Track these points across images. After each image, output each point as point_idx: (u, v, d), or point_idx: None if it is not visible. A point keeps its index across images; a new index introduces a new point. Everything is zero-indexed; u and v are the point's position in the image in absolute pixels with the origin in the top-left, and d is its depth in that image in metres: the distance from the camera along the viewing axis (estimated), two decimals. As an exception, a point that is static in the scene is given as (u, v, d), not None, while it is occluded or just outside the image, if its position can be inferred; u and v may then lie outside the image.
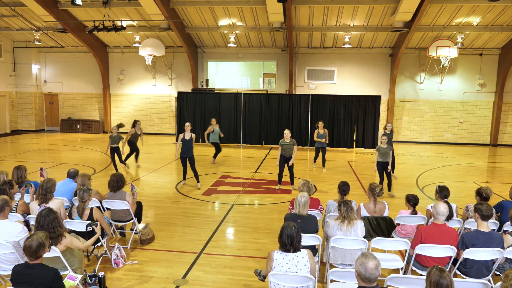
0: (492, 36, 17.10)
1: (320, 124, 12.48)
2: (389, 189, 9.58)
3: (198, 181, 9.98)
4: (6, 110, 21.02)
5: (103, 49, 20.60)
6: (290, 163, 9.83)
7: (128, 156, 12.19)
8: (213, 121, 13.60)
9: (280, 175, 10.03)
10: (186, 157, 9.86)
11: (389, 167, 9.55)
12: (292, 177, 10.05)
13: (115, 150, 11.50)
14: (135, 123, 12.30)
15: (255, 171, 12.33)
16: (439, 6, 15.04)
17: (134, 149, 12.31)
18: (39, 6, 15.97)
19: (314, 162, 13.00)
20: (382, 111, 18.58)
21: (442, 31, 16.88)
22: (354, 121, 17.00)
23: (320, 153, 12.52)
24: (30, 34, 19.64)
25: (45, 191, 5.42)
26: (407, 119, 19.29)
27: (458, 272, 4.73)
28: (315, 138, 12.43)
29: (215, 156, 13.37)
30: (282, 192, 9.83)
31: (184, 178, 10.21)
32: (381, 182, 9.47)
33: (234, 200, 8.97)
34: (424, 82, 18.92)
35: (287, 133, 9.86)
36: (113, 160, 11.60)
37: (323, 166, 12.55)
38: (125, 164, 11.75)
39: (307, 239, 4.68)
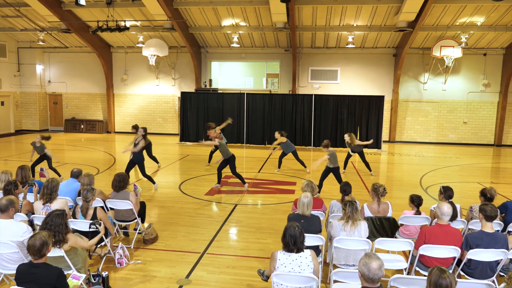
0: (496, 36, 17.01)
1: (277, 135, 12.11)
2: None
3: (153, 183, 9.80)
4: (11, 110, 21.12)
5: (106, 49, 20.66)
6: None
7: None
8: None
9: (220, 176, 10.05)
10: (134, 162, 9.61)
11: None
12: (240, 177, 9.95)
13: (43, 158, 10.51)
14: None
15: (258, 171, 12.33)
16: (443, 6, 14.98)
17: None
18: (43, 7, 16.04)
19: (279, 166, 12.36)
20: (386, 111, 18.51)
21: (446, 31, 16.82)
22: (358, 121, 16.97)
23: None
24: (34, 34, 19.73)
25: (50, 191, 5.45)
26: (411, 119, 19.23)
27: (462, 273, 4.71)
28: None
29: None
30: (285, 192, 9.82)
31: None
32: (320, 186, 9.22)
33: (237, 200, 8.97)
34: (428, 82, 18.85)
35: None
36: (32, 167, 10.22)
37: (305, 166, 12.21)
38: (56, 171, 10.52)
39: (310, 239, 4.68)
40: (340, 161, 9.61)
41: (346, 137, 11.53)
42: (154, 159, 12.27)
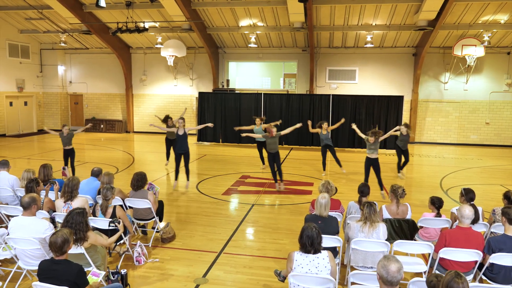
0: (520, 35, 16.58)
1: (325, 125, 11.67)
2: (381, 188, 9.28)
3: (188, 180, 9.82)
4: (33, 110, 21.64)
5: (126, 50, 20.96)
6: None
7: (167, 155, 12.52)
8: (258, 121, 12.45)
9: (274, 174, 9.87)
10: (181, 153, 9.65)
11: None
12: (280, 173, 9.84)
13: (68, 153, 10.36)
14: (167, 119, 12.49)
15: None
16: (464, 4, 14.67)
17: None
18: (65, 9, 16.37)
19: (324, 168, 11.92)
20: (405, 112, 18.24)
21: (468, 30, 16.46)
22: (376, 121, 16.74)
23: (330, 154, 11.77)
24: (56, 36, 20.17)
25: (71, 189, 5.55)
26: (431, 119, 18.89)
27: (484, 278, 4.61)
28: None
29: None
30: (302, 192, 9.78)
31: (176, 178, 9.86)
32: (366, 179, 9.19)
33: (254, 200, 8.98)
34: (449, 82, 18.49)
35: (275, 130, 9.67)
36: (66, 165, 10.22)
37: (340, 166, 11.82)
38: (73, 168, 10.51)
39: (327, 240, 4.65)
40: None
41: (403, 128, 10.98)
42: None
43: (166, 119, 12.65)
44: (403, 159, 11.37)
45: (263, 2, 15.76)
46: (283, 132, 9.87)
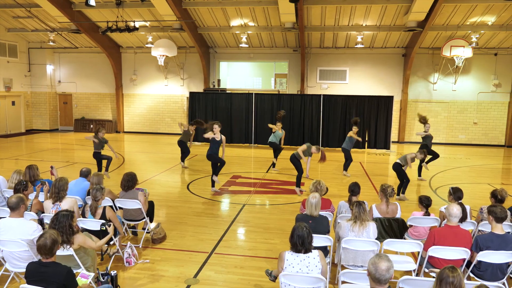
0: (507, 36, 16.81)
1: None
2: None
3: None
4: (21, 109, 21.36)
5: (116, 50, 20.80)
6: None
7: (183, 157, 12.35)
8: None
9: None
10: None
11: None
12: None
13: (101, 155, 10.62)
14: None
15: (266, 172, 12.33)
16: (453, 5, 14.84)
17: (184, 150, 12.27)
18: (54, 7, 16.19)
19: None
20: (395, 112, 18.40)
21: (456, 31, 16.66)
22: (366, 121, 16.88)
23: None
24: (45, 35, 19.93)
25: (58, 190, 5.47)
26: (420, 119, 19.07)
27: (472, 275, 4.67)
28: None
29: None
30: (293, 192, 9.80)
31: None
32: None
33: (245, 200, 8.98)
34: (438, 83, 18.70)
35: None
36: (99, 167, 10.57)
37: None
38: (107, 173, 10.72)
39: (318, 240, 4.67)
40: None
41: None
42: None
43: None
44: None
45: (254, 2, 15.77)
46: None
